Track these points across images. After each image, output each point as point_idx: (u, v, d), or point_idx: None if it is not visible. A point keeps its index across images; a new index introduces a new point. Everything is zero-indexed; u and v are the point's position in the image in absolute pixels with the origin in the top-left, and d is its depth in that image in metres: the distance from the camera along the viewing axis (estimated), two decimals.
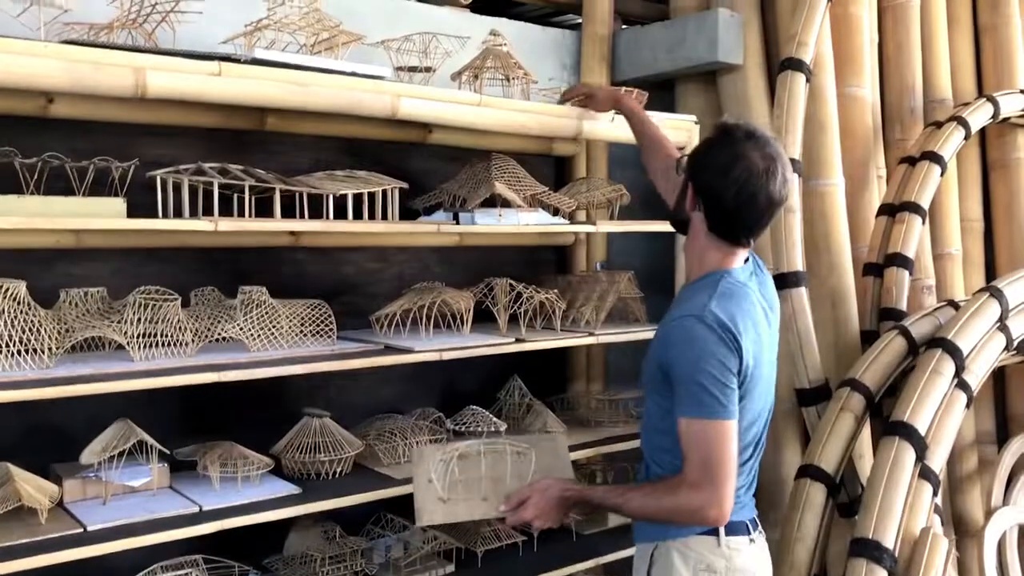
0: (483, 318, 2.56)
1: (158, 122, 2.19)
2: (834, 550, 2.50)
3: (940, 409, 2.34)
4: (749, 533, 1.71)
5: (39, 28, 1.87)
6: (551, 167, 3.00)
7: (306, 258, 2.51)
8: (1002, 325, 2.56)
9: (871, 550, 2.12)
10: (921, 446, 2.26)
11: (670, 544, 1.69)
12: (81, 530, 1.84)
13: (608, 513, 2.81)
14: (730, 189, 1.59)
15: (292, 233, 2.39)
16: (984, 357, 2.49)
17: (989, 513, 3.02)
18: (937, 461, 2.31)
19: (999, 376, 3.39)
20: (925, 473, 2.26)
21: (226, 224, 1.94)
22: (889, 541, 2.12)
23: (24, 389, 1.70)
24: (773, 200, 1.61)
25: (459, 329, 2.45)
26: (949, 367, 2.38)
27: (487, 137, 2.62)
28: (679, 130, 2.69)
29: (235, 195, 2.17)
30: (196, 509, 1.97)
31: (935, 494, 2.30)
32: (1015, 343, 2.61)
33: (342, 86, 2.04)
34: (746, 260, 1.73)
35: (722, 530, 1.66)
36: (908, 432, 2.26)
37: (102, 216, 1.85)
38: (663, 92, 3.23)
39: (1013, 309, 2.60)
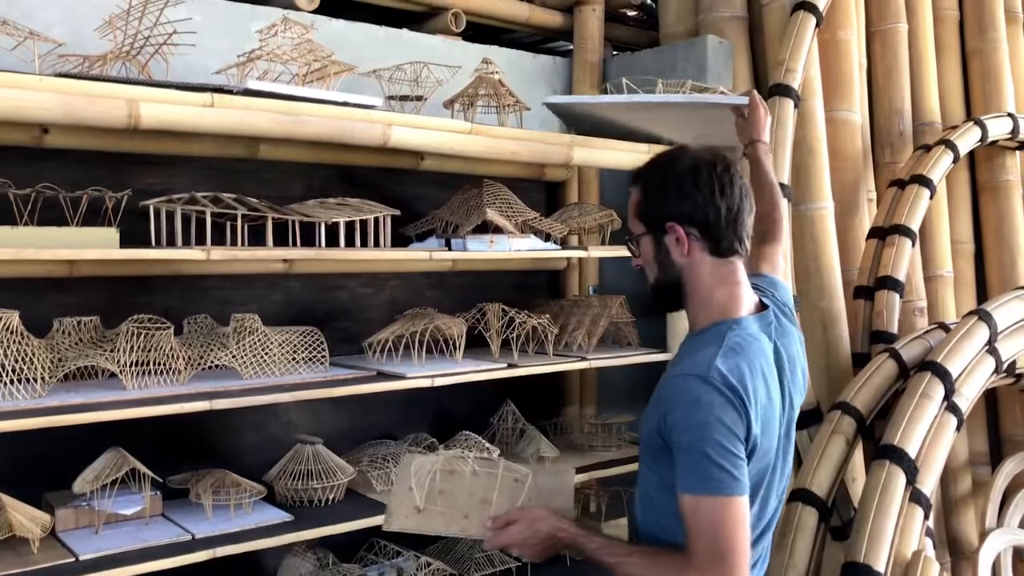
0: (476, 343, 2.57)
1: (152, 151, 2.21)
2: (827, 574, 2.50)
3: (930, 432, 2.34)
4: None
5: (34, 61, 1.90)
6: (542, 192, 3.03)
7: (299, 284, 2.53)
8: (991, 348, 2.57)
9: (862, 575, 2.12)
10: (911, 470, 2.26)
11: None
12: (73, 560, 1.84)
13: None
14: (710, 192, 1.47)
15: (285, 260, 2.41)
16: (974, 380, 2.50)
17: (983, 535, 3.01)
18: (928, 484, 2.31)
19: (992, 397, 3.40)
20: (916, 496, 2.27)
21: (218, 253, 1.96)
22: (880, 565, 2.13)
23: (16, 419, 1.71)
24: (745, 182, 1.52)
25: (452, 355, 2.46)
26: (939, 390, 2.39)
27: (479, 164, 2.64)
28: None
29: (228, 223, 2.19)
30: (188, 537, 1.98)
31: (926, 517, 2.30)
32: (1005, 365, 2.62)
33: (334, 115, 2.06)
34: (764, 308, 1.57)
35: None
36: (898, 456, 2.26)
37: (95, 246, 1.86)
38: None
39: (1002, 332, 2.61)
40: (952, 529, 3.25)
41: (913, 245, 2.98)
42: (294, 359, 2.25)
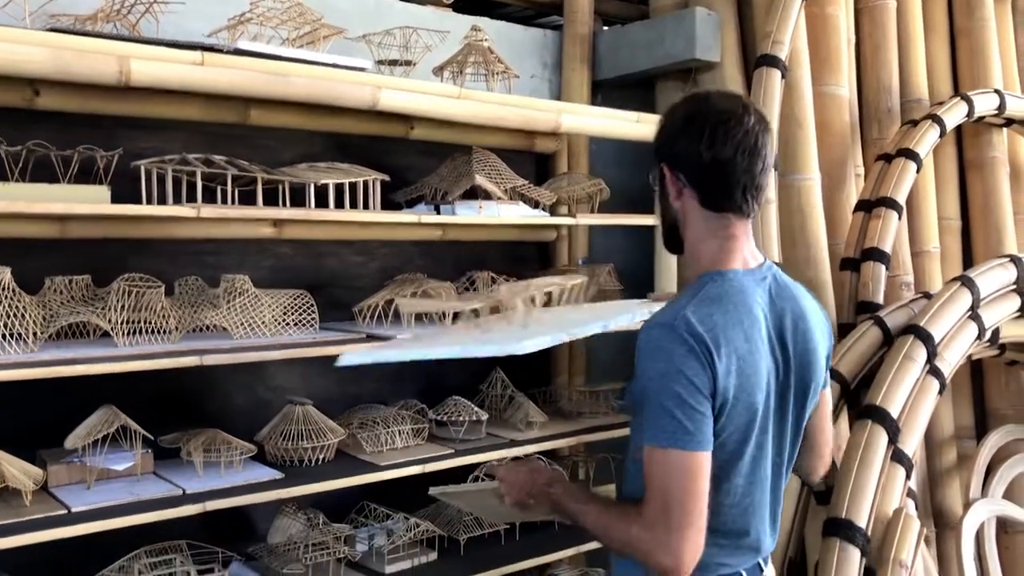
0: None
1: (143, 115, 2.23)
2: (811, 537, 2.53)
3: (912, 394, 2.38)
4: None
5: (24, 18, 1.91)
6: (532, 164, 3.04)
7: (289, 251, 2.54)
8: (974, 314, 2.60)
9: (844, 530, 2.15)
10: (894, 429, 2.30)
11: None
12: (65, 511, 1.86)
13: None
14: (697, 140, 1.40)
15: (275, 225, 2.43)
16: (957, 345, 2.53)
17: (967, 505, 3.05)
18: (910, 445, 2.35)
19: (977, 371, 3.44)
20: (898, 456, 2.30)
21: (208, 211, 1.98)
22: (862, 521, 2.16)
23: (8, 370, 1.73)
24: (752, 139, 1.40)
25: (441, 321, 2.48)
26: (921, 353, 2.43)
27: (468, 133, 2.66)
28: None
29: (218, 187, 2.20)
30: (179, 492, 2.00)
31: (908, 477, 2.34)
32: (988, 333, 2.65)
33: (323, 77, 2.08)
34: (762, 265, 1.49)
35: None
36: (881, 416, 2.30)
37: (86, 201, 1.88)
38: (643, 91, 3.28)
39: (985, 299, 2.64)
40: (937, 501, 3.29)
41: (900, 217, 3.02)
42: (284, 322, 2.27)
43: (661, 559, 1.33)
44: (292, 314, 2.28)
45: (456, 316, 1.98)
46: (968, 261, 3.55)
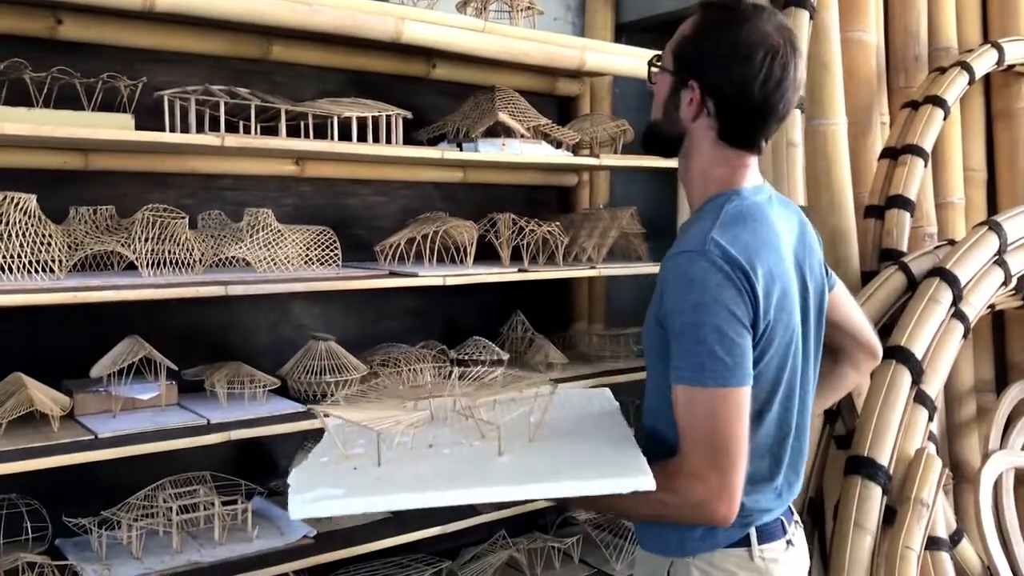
0: (486, 256, 2.59)
1: (165, 48, 2.21)
2: (829, 481, 2.53)
3: (937, 336, 2.36)
4: (785, 533, 1.37)
5: None
6: (554, 107, 3.01)
7: (310, 189, 2.54)
8: (1000, 259, 2.57)
9: (866, 467, 2.15)
10: (917, 370, 2.28)
11: (689, 561, 1.34)
12: (92, 437, 1.88)
13: None
14: (757, 78, 1.26)
15: (297, 162, 2.42)
16: (982, 290, 2.50)
17: (986, 456, 3.04)
18: (933, 387, 2.33)
19: (999, 324, 3.41)
20: (921, 398, 2.29)
21: (232, 140, 1.97)
22: (884, 459, 2.16)
23: (34, 294, 1.73)
24: (797, 83, 1.30)
25: (462, 261, 2.48)
26: (947, 296, 2.40)
27: (490, 72, 2.63)
28: None
29: (240, 123, 2.19)
30: (204, 422, 2.02)
31: (930, 419, 2.33)
32: (1013, 279, 2.62)
33: (347, 7, 2.06)
34: (761, 184, 1.39)
35: (755, 539, 1.33)
36: (904, 356, 2.28)
37: (110, 127, 1.87)
38: (668, 34, 3.22)
39: (1012, 244, 2.61)
40: (955, 454, 3.28)
41: (925, 165, 2.97)
42: (307, 258, 2.27)
43: (716, 508, 1.20)
44: (315, 250, 2.28)
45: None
46: (992, 214, 3.51)
